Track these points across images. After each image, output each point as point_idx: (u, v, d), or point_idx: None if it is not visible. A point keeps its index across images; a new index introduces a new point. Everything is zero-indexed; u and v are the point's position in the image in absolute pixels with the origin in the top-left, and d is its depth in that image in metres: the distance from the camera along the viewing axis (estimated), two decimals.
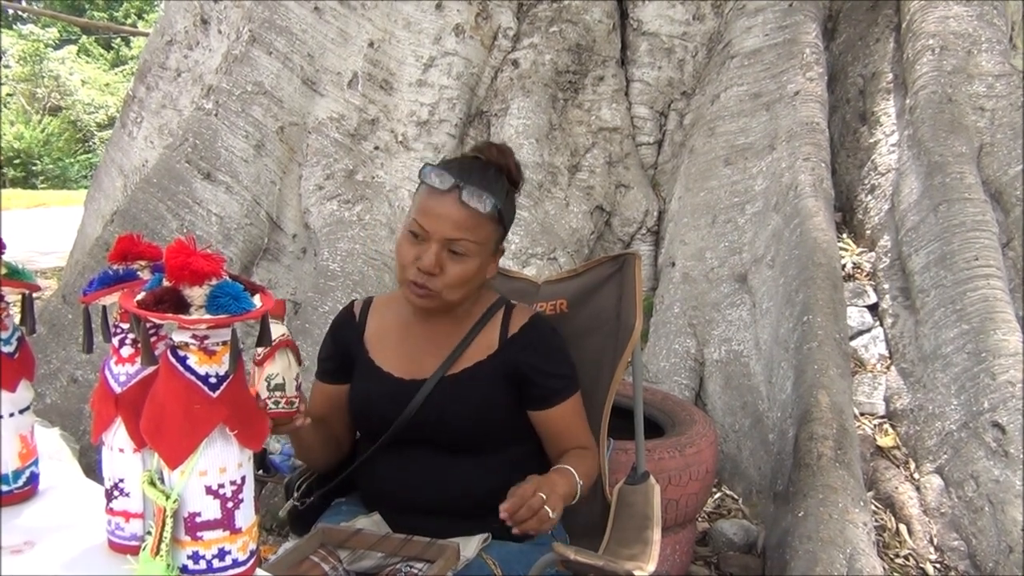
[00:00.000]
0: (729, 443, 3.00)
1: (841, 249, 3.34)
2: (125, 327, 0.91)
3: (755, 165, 3.50)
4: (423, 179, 1.36)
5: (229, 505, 0.82)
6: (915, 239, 3.07)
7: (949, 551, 2.53)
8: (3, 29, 18.88)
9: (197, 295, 0.79)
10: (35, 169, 18.10)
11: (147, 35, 5.58)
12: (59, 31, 19.90)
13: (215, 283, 0.80)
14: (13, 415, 1.01)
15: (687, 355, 3.26)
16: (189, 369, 0.80)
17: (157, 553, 0.80)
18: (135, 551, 0.90)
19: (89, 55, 21.30)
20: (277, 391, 1.14)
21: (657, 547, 1.35)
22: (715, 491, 2.89)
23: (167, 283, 0.80)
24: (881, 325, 3.20)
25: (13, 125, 18.30)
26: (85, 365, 3.01)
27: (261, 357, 1.12)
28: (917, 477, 2.75)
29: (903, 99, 3.49)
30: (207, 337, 0.80)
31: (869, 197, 3.52)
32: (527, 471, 1.33)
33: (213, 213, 3.32)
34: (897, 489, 2.71)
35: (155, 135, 4.28)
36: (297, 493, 1.52)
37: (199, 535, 0.81)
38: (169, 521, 0.80)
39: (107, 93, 19.21)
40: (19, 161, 17.90)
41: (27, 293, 1.01)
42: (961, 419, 2.66)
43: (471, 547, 1.32)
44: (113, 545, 0.93)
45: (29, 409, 1.04)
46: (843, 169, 3.72)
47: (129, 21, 21.51)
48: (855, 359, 3.13)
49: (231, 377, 0.82)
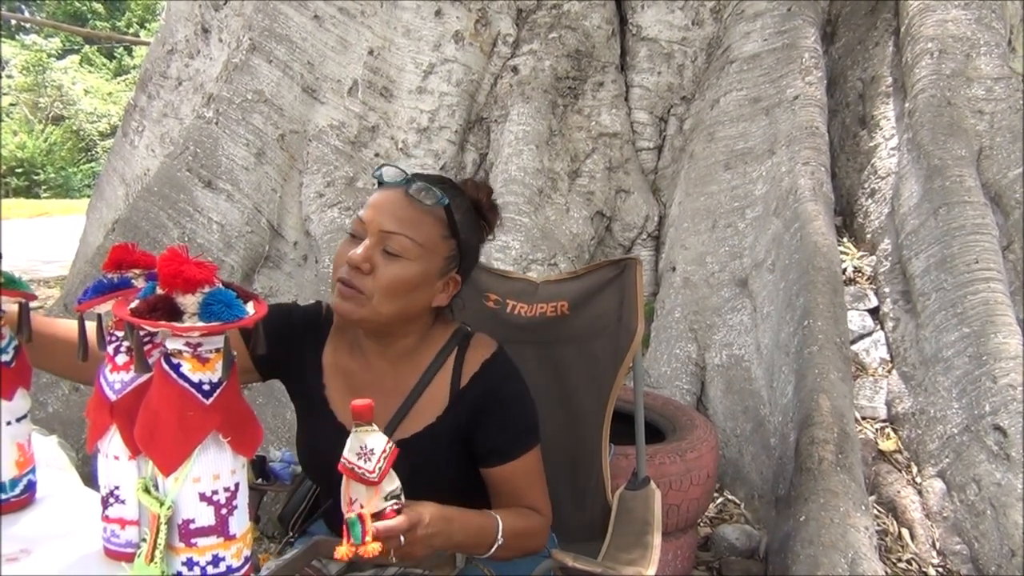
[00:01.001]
0: (730, 448, 3.00)
1: (841, 253, 3.34)
2: (120, 335, 0.91)
3: (755, 169, 3.51)
4: (375, 176, 1.26)
5: (223, 512, 0.83)
6: (915, 242, 3.07)
7: (951, 555, 2.52)
8: (6, 39, 18.99)
9: (190, 303, 0.79)
10: (38, 178, 18.21)
11: (149, 44, 5.61)
12: (62, 41, 20.01)
13: (208, 291, 0.81)
14: (10, 424, 1.02)
15: (688, 360, 3.26)
16: (183, 376, 0.81)
17: (152, 560, 0.80)
18: (131, 558, 0.90)
19: (92, 65, 21.41)
20: (392, 499, 1.01)
21: (657, 552, 1.35)
22: (717, 496, 2.88)
23: (160, 291, 0.80)
24: (882, 329, 3.19)
25: (16, 135, 18.41)
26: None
27: (377, 477, 0.97)
28: (919, 481, 2.74)
29: (902, 103, 3.49)
30: (200, 344, 0.81)
31: (869, 201, 3.52)
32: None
33: (214, 221, 3.33)
34: (899, 493, 2.70)
35: (156, 144, 4.30)
36: (292, 532, 1.46)
37: (193, 542, 0.82)
38: (163, 528, 0.80)
39: (110, 102, 19.32)
40: (22, 170, 18.01)
41: (23, 302, 1.02)
42: (962, 423, 2.65)
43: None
44: (109, 552, 0.93)
45: (26, 418, 1.05)
46: (843, 173, 3.72)
47: (131, 31, 21.60)
48: (856, 363, 3.12)
49: (224, 384, 0.83)
